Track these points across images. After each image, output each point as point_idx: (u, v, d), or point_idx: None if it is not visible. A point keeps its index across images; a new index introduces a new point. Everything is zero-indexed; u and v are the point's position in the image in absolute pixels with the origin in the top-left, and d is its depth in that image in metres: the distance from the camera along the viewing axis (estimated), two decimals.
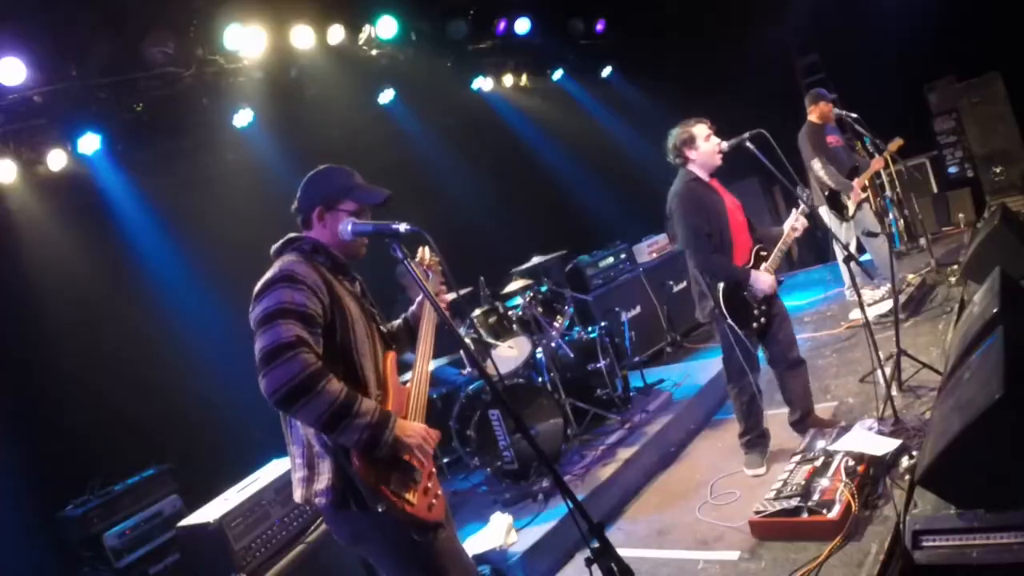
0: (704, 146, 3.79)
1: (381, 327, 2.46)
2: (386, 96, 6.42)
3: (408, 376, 2.46)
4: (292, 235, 2.36)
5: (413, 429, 2.16)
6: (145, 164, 4.87)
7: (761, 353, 4.04)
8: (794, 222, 3.77)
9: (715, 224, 3.76)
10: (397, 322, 2.73)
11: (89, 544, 4.09)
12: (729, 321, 3.73)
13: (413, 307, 2.69)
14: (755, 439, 4.04)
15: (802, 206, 3.77)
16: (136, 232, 4.83)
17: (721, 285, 3.74)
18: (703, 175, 3.86)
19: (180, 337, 4.66)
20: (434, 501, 2.21)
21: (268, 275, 2.14)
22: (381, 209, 2.40)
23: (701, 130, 3.81)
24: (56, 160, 4.52)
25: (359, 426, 2.01)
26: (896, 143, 6.06)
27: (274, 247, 2.34)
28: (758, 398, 4.01)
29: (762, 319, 3.78)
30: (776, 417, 4.20)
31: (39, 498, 4.20)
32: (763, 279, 3.73)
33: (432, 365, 4.99)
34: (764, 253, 3.85)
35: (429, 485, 2.22)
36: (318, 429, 2.05)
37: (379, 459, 2.07)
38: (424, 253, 2.61)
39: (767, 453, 4.06)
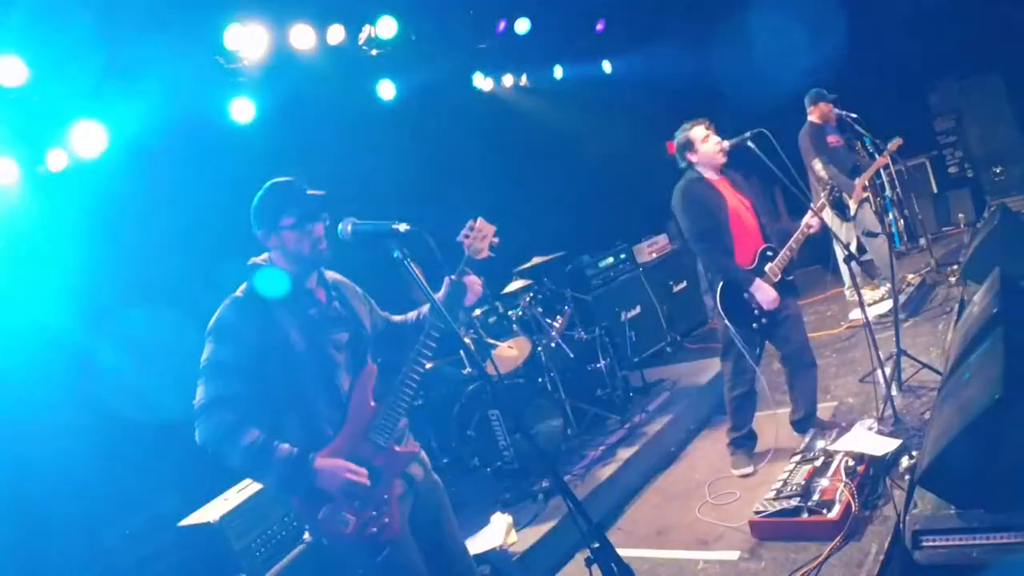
0: (703, 147, 3.79)
1: (362, 339, 2.46)
2: (386, 96, 6.42)
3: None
4: (251, 261, 2.42)
5: (332, 470, 2.19)
6: (145, 164, 4.86)
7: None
8: (809, 219, 3.75)
9: (712, 223, 3.76)
10: (411, 314, 2.74)
11: (89, 544, 4.09)
12: (726, 321, 3.73)
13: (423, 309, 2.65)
14: (742, 439, 4.06)
15: (821, 201, 3.77)
16: (136, 232, 4.83)
17: (720, 284, 3.73)
18: (710, 174, 3.85)
19: (180, 337, 4.66)
20: (374, 530, 2.25)
21: (212, 319, 2.29)
22: (325, 210, 2.41)
23: (698, 132, 3.81)
24: (56, 160, 4.52)
25: (273, 473, 2.16)
26: (896, 143, 6.07)
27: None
28: (751, 398, 4.02)
29: (763, 320, 3.77)
30: (776, 417, 4.20)
31: (40, 498, 4.19)
32: (765, 291, 3.68)
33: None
34: (771, 253, 3.83)
35: (373, 513, 2.25)
36: (242, 474, 2.16)
37: (313, 493, 2.19)
38: (478, 222, 2.55)
39: (753, 454, 4.08)
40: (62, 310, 4.43)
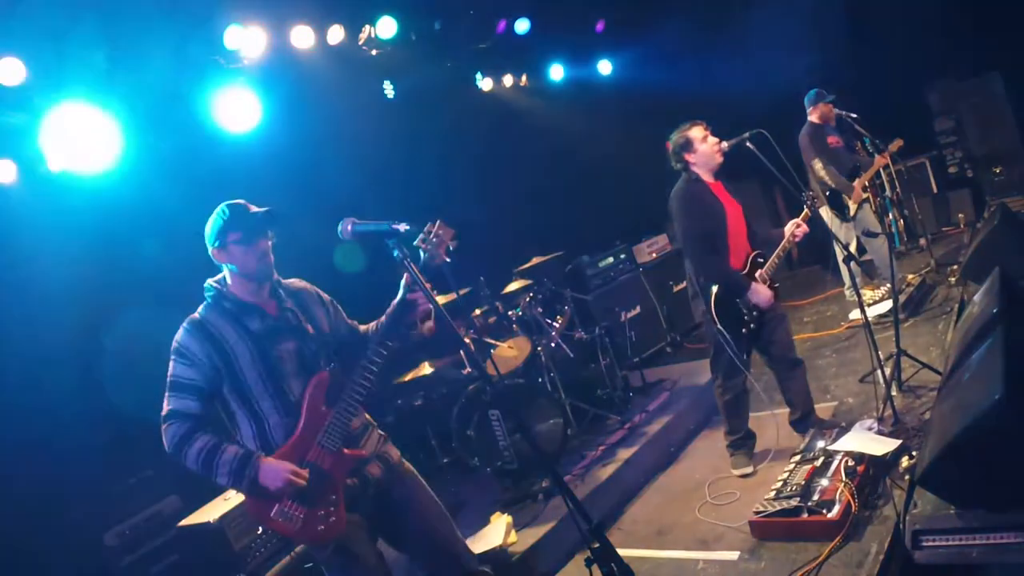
0: (702, 147, 3.79)
1: (311, 347, 2.58)
2: (386, 96, 6.42)
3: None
4: (206, 283, 2.61)
5: (275, 471, 2.36)
6: (145, 164, 4.86)
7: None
8: (795, 228, 3.76)
9: (711, 227, 3.76)
10: (372, 324, 2.79)
11: (88, 544, 4.09)
12: (719, 326, 3.74)
13: (397, 298, 2.62)
14: (740, 440, 4.07)
15: (805, 210, 3.77)
16: (136, 232, 4.83)
17: (714, 289, 3.74)
18: (706, 176, 3.85)
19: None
20: (321, 528, 2.41)
21: (173, 342, 2.50)
22: (266, 228, 2.54)
23: (697, 132, 3.80)
24: (56, 160, 4.52)
25: (223, 473, 2.38)
26: (896, 144, 6.07)
27: None
28: (743, 400, 4.02)
29: (752, 325, 3.78)
30: (775, 417, 4.20)
31: (40, 498, 4.19)
32: (762, 293, 3.71)
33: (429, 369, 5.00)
34: (761, 260, 3.84)
35: (320, 512, 2.42)
36: (201, 477, 2.42)
37: (263, 492, 2.38)
38: (436, 226, 2.48)
39: (753, 454, 4.08)
40: (62, 310, 4.43)
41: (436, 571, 2.71)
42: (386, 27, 5.69)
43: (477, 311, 5.30)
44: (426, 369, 4.94)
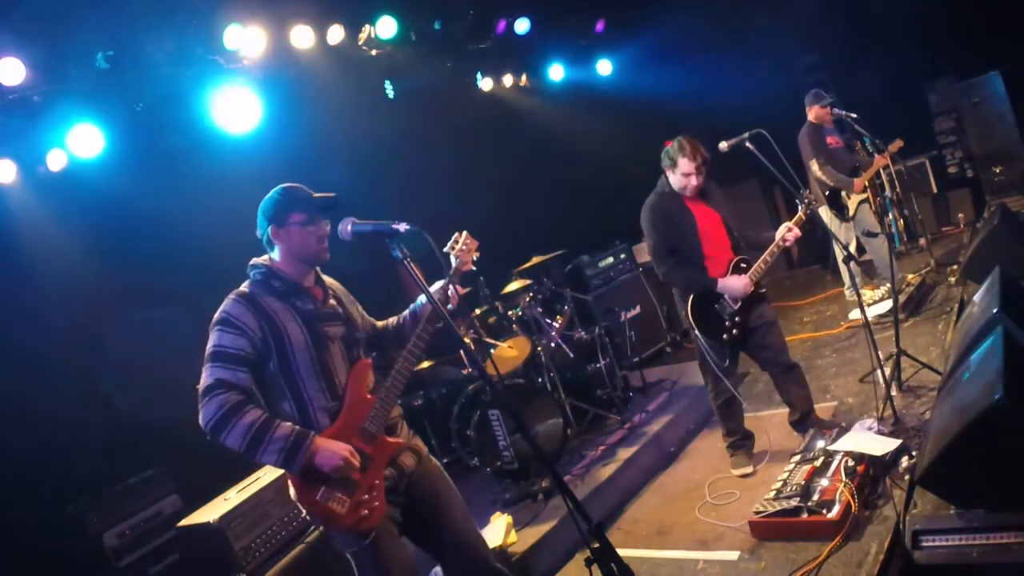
0: (677, 178, 3.79)
1: (356, 335, 2.61)
2: (386, 96, 6.42)
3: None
4: (252, 261, 2.57)
5: (333, 450, 2.32)
6: (145, 164, 4.86)
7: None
8: (786, 232, 3.71)
9: (681, 237, 3.78)
10: (391, 319, 2.87)
11: (88, 544, 4.09)
12: (697, 332, 3.75)
13: (416, 304, 2.78)
14: (739, 441, 4.07)
15: (799, 213, 3.76)
16: (136, 232, 4.83)
17: (691, 297, 3.75)
18: (680, 188, 3.85)
19: (180, 336, 4.65)
20: (366, 512, 2.37)
21: (216, 313, 2.43)
22: (331, 211, 2.55)
23: (686, 165, 3.72)
24: (56, 160, 4.52)
25: (274, 450, 2.27)
26: (896, 144, 6.07)
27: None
28: (736, 402, 4.03)
29: (734, 331, 3.77)
30: (776, 417, 4.21)
31: (40, 498, 4.19)
32: (732, 284, 3.72)
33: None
34: (744, 265, 3.83)
35: (365, 497, 2.38)
36: (243, 455, 2.30)
37: (309, 474, 2.32)
38: (462, 237, 2.75)
39: (753, 454, 4.09)
40: (62, 310, 4.43)
41: (459, 568, 2.67)
42: (386, 27, 5.69)
43: (477, 311, 5.30)
44: (425, 369, 4.95)
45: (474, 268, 2.78)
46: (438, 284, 2.67)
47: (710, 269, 3.80)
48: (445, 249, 2.67)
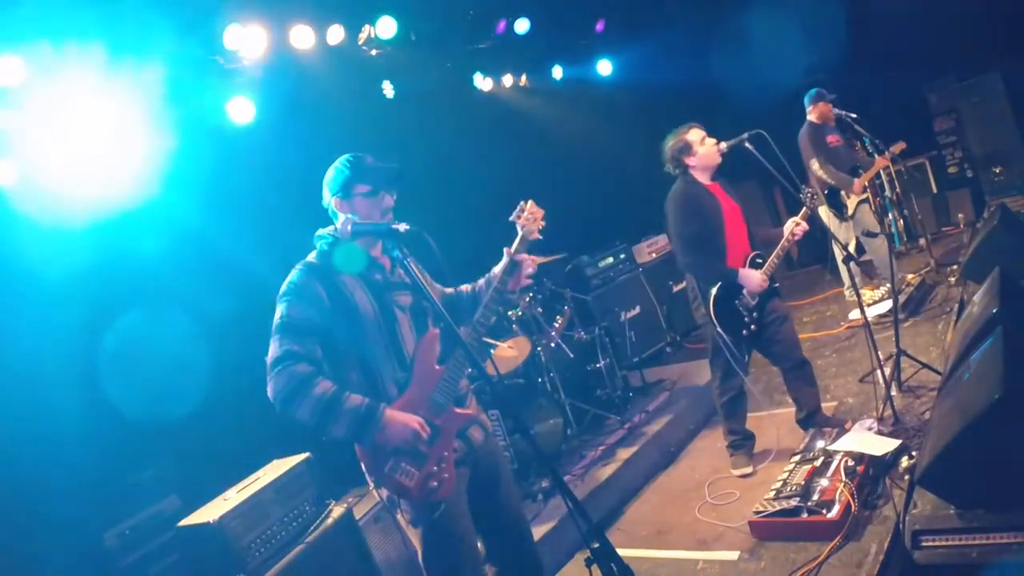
0: (701, 149, 3.80)
1: (423, 304, 2.56)
2: (385, 96, 6.42)
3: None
4: (319, 232, 2.55)
5: (403, 423, 2.29)
6: (144, 164, 4.86)
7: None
8: (793, 227, 3.76)
9: (709, 228, 3.77)
10: (465, 286, 2.86)
11: (88, 544, 4.09)
12: (718, 328, 3.75)
13: (493, 271, 2.75)
14: (739, 440, 4.07)
15: (804, 209, 3.77)
16: (136, 232, 4.82)
17: (713, 291, 3.75)
18: (704, 179, 3.86)
19: (180, 336, 4.66)
20: (435, 484, 2.35)
21: (283, 284, 2.40)
22: (396, 184, 2.54)
23: (695, 135, 3.81)
24: (55, 160, 4.52)
25: (344, 422, 2.24)
26: (899, 146, 6.06)
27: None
28: (741, 400, 4.03)
29: (752, 326, 3.78)
30: (775, 417, 4.21)
31: (40, 498, 4.19)
32: (751, 277, 3.73)
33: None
34: (760, 260, 3.84)
35: (434, 468, 2.35)
36: (312, 427, 2.26)
37: (378, 445, 2.29)
38: (527, 205, 2.74)
39: (753, 454, 4.09)
40: (62, 310, 4.42)
41: (506, 549, 2.62)
42: (386, 27, 5.69)
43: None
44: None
45: (540, 237, 2.74)
46: (503, 262, 2.66)
47: (730, 260, 3.80)
48: (511, 218, 2.66)
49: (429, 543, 2.42)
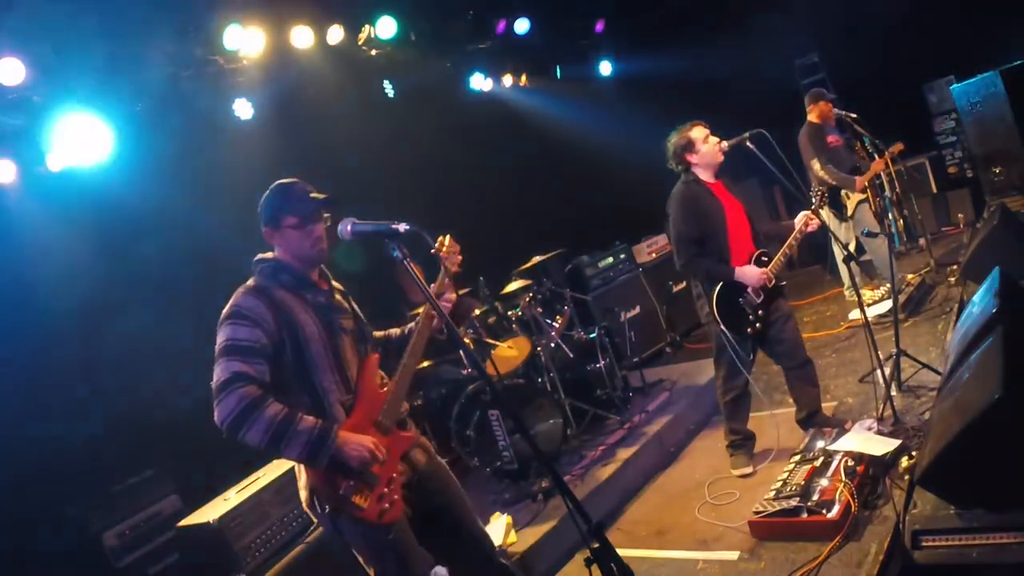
0: (704, 147, 3.79)
1: (364, 330, 2.60)
2: (385, 96, 6.42)
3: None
4: (258, 257, 2.53)
5: (357, 443, 2.28)
6: (144, 164, 4.86)
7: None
8: (806, 219, 3.75)
9: (710, 228, 3.77)
10: (395, 331, 2.85)
11: (88, 544, 4.09)
12: (721, 327, 3.74)
13: (414, 323, 2.72)
14: (740, 440, 4.07)
15: (815, 204, 3.76)
16: (135, 232, 4.83)
17: (716, 291, 3.74)
18: (706, 177, 3.86)
19: (180, 336, 4.66)
20: (387, 505, 2.35)
21: (225, 308, 2.36)
22: (327, 211, 2.51)
23: (699, 132, 3.81)
24: (56, 160, 4.52)
25: (297, 444, 2.21)
26: (897, 147, 6.07)
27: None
28: (745, 400, 4.03)
29: (757, 325, 3.78)
30: (775, 417, 4.20)
31: (40, 498, 4.19)
32: (749, 273, 3.71)
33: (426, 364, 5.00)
34: (765, 258, 3.84)
35: (385, 490, 2.36)
36: (263, 450, 2.23)
37: (332, 467, 2.26)
38: (446, 240, 2.69)
39: (753, 454, 4.09)
40: (62, 310, 4.42)
41: (469, 566, 2.64)
42: (386, 27, 5.70)
43: (477, 311, 5.30)
44: (425, 369, 4.94)
45: (459, 270, 2.72)
46: (433, 287, 2.64)
47: (733, 259, 3.78)
48: (432, 252, 2.58)
49: (379, 566, 2.42)
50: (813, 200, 3.78)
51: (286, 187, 2.51)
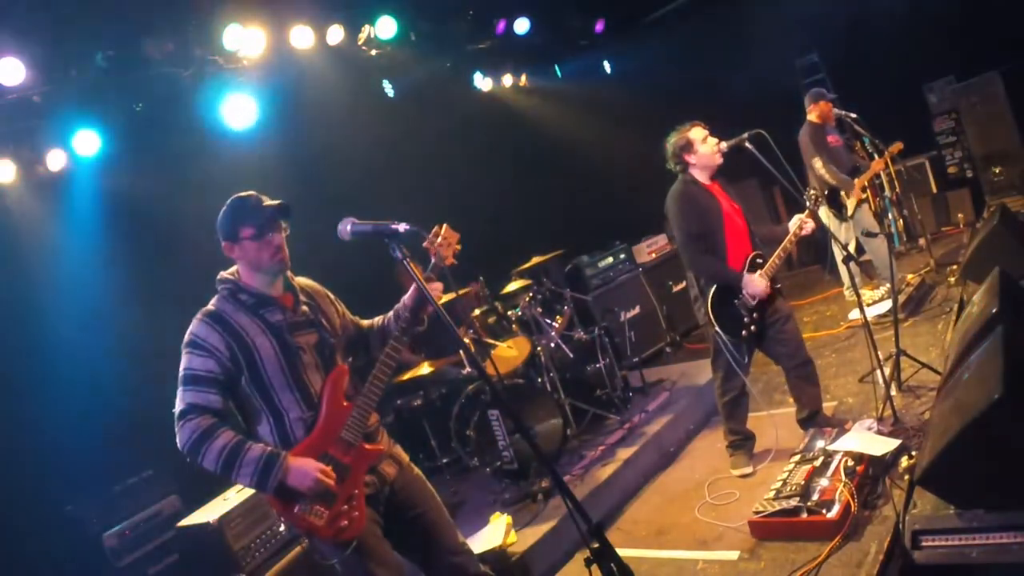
0: (703, 148, 3.80)
1: (329, 341, 2.57)
2: (385, 96, 6.43)
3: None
4: (220, 276, 2.54)
5: (303, 470, 2.30)
6: (144, 164, 4.87)
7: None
8: (800, 223, 3.75)
9: (708, 227, 3.77)
10: (377, 319, 2.82)
11: (88, 544, 4.09)
12: (716, 329, 3.74)
13: (402, 302, 2.70)
14: (739, 440, 4.07)
15: (808, 209, 3.77)
16: (135, 232, 4.83)
17: (711, 292, 3.74)
18: (703, 178, 3.86)
19: (180, 336, 4.67)
20: (345, 523, 2.36)
21: (186, 334, 2.43)
22: (283, 219, 2.50)
23: (698, 133, 3.81)
24: (55, 160, 4.53)
25: (246, 472, 2.28)
26: (896, 147, 6.07)
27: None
28: (743, 401, 4.03)
29: (752, 327, 3.78)
30: (775, 417, 4.20)
31: (40, 498, 4.19)
32: (755, 283, 3.71)
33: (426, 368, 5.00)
34: (760, 260, 3.83)
35: (344, 508, 2.37)
36: (220, 477, 2.32)
37: (285, 490, 2.31)
38: (441, 230, 2.63)
39: (753, 454, 4.09)
40: (62, 309, 4.43)
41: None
42: (386, 27, 5.70)
43: (477, 311, 5.30)
44: (425, 369, 4.94)
45: (455, 263, 2.63)
46: (410, 293, 2.62)
47: (730, 260, 3.79)
48: (424, 244, 2.57)
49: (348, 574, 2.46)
50: (808, 203, 3.77)
51: (241, 200, 2.50)
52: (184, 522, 3.79)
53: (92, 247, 4.63)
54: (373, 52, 5.97)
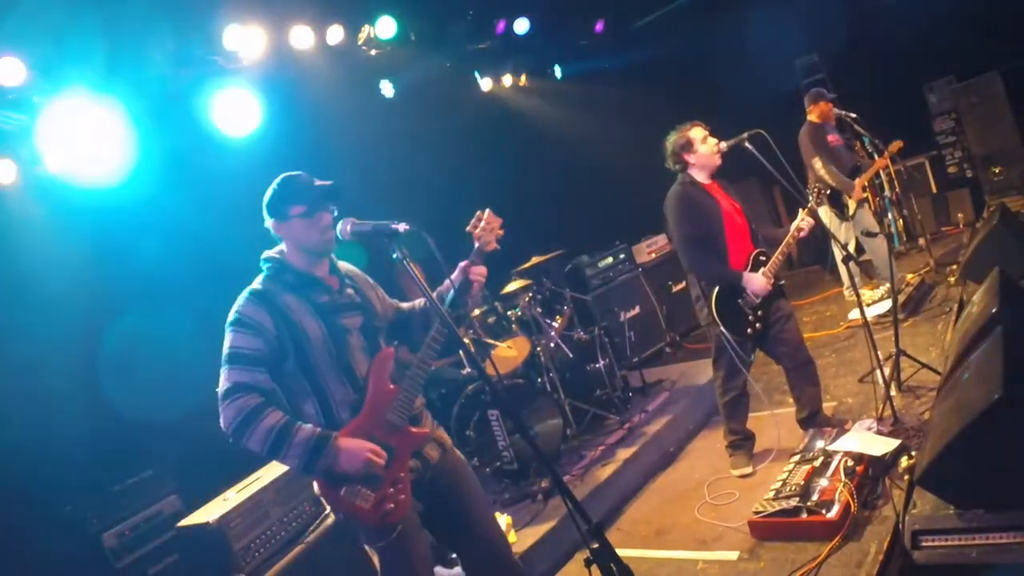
0: (702, 148, 3.80)
1: (374, 324, 2.55)
2: (385, 96, 6.42)
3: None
4: (265, 254, 2.51)
5: (355, 451, 2.27)
6: (145, 164, 4.86)
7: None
8: (800, 223, 3.76)
9: (707, 228, 3.77)
10: (417, 301, 2.81)
11: (88, 544, 4.09)
12: (721, 328, 3.74)
13: (444, 284, 2.66)
14: (739, 440, 4.08)
15: (810, 203, 3.77)
16: (135, 232, 4.82)
17: (715, 291, 3.74)
18: (702, 178, 3.87)
19: (180, 336, 4.67)
20: (391, 507, 2.33)
21: (231, 311, 2.38)
22: (333, 200, 2.49)
23: (698, 133, 3.82)
24: (55, 160, 4.51)
25: (295, 454, 2.23)
26: (896, 145, 6.07)
27: None
28: (744, 401, 4.03)
29: (757, 325, 3.78)
30: (775, 417, 4.21)
31: (40, 498, 4.19)
32: (756, 281, 3.72)
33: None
34: (763, 258, 3.84)
35: (390, 491, 2.34)
36: (265, 458, 2.29)
37: (332, 472, 2.27)
38: (484, 214, 2.63)
39: (752, 454, 4.09)
40: (62, 310, 4.42)
41: (482, 563, 2.60)
42: (385, 27, 5.70)
43: (476, 311, 5.30)
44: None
45: (498, 248, 2.65)
46: (461, 265, 2.59)
47: (731, 259, 3.79)
48: (467, 229, 2.58)
49: (386, 564, 2.41)
50: (811, 198, 3.78)
51: (292, 177, 2.49)
52: (184, 522, 3.79)
53: (92, 247, 4.62)
54: (373, 52, 5.97)
